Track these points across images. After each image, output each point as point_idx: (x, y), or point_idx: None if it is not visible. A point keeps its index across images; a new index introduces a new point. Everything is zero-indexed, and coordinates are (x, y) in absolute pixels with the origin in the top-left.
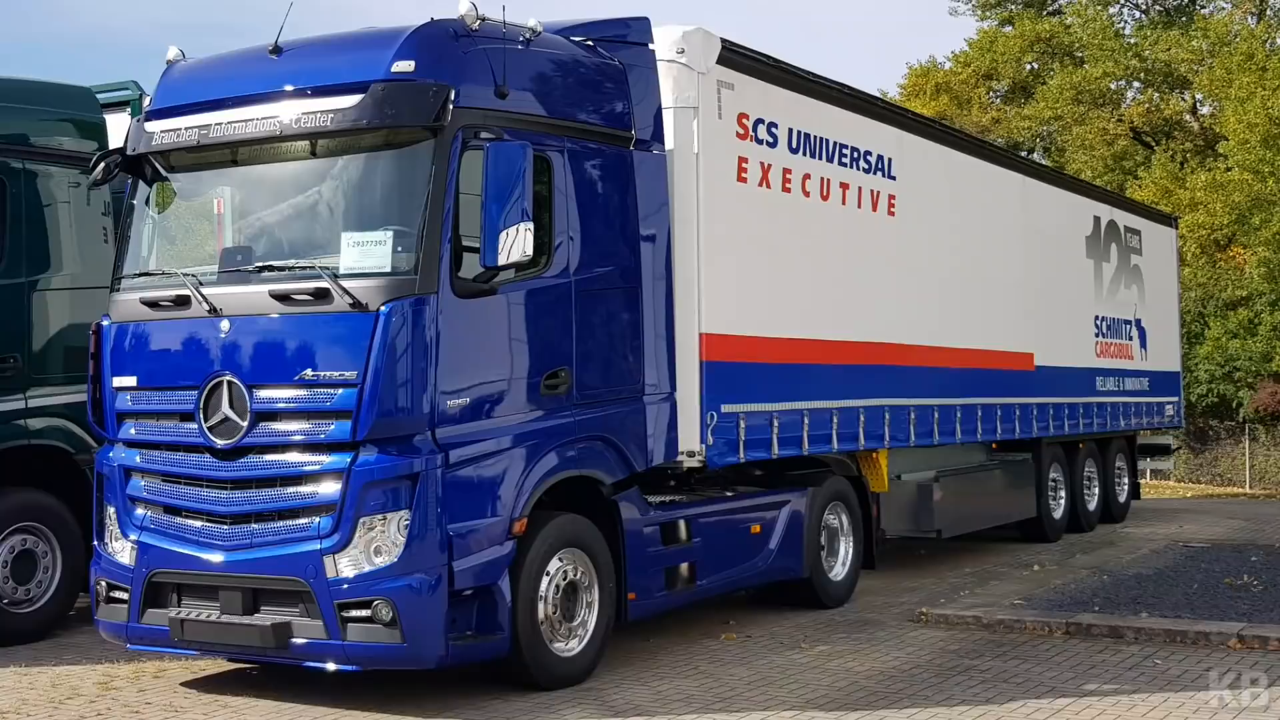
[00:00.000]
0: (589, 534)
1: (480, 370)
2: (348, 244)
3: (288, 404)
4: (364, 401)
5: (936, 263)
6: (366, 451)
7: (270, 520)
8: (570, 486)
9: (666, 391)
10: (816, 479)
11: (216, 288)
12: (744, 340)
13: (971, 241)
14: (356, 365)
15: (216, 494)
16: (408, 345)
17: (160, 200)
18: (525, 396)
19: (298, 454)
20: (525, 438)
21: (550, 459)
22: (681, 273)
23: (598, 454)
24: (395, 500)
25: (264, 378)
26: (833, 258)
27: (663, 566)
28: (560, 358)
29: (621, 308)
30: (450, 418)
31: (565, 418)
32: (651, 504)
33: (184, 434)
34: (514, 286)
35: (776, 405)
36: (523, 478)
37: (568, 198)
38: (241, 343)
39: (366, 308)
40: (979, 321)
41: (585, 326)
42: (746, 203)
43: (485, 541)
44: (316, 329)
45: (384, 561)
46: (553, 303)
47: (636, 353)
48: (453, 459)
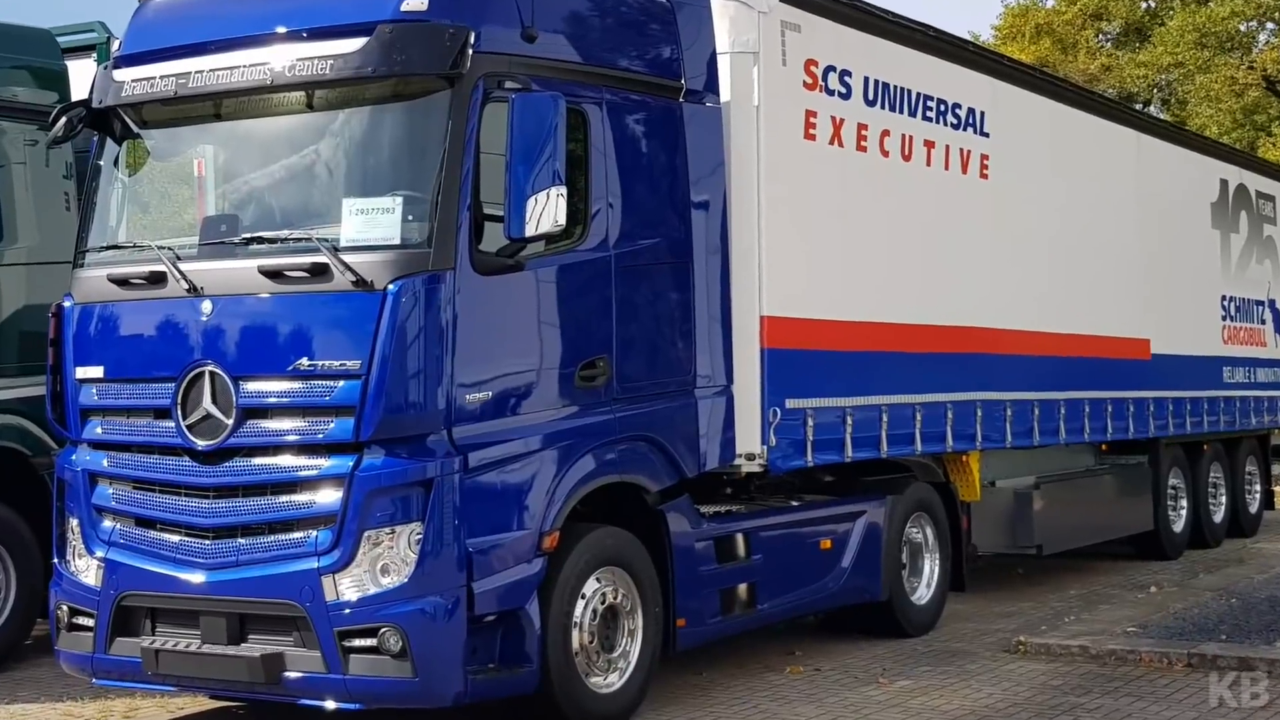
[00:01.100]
0: (631, 550)
1: (504, 359)
2: (350, 212)
3: (280, 398)
4: (369, 395)
5: (1036, 234)
6: (372, 454)
7: (260, 534)
8: (609, 495)
9: (722, 384)
10: (897, 486)
11: (197, 263)
12: (812, 324)
13: (1077, 209)
14: (360, 353)
15: (197, 503)
16: (420, 329)
17: (131, 161)
18: (557, 390)
19: (291, 457)
20: (557, 438)
21: (586, 463)
22: (739, 245)
23: (641, 456)
24: (405, 511)
25: (252, 368)
26: (915, 228)
27: (717, 588)
28: (598, 344)
29: (669, 286)
30: (469, 415)
31: (603, 414)
32: (704, 515)
33: (159, 433)
34: (544, 261)
35: (850, 400)
36: (554, 484)
37: (606, 158)
38: (226, 327)
39: (372, 286)
40: (1086, 303)
41: (627, 308)
42: (815, 163)
43: (510, 559)
44: (314, 311)
45: (392, 582)
46: (589, 280)
47: (687, 339)
48: (472, 462)
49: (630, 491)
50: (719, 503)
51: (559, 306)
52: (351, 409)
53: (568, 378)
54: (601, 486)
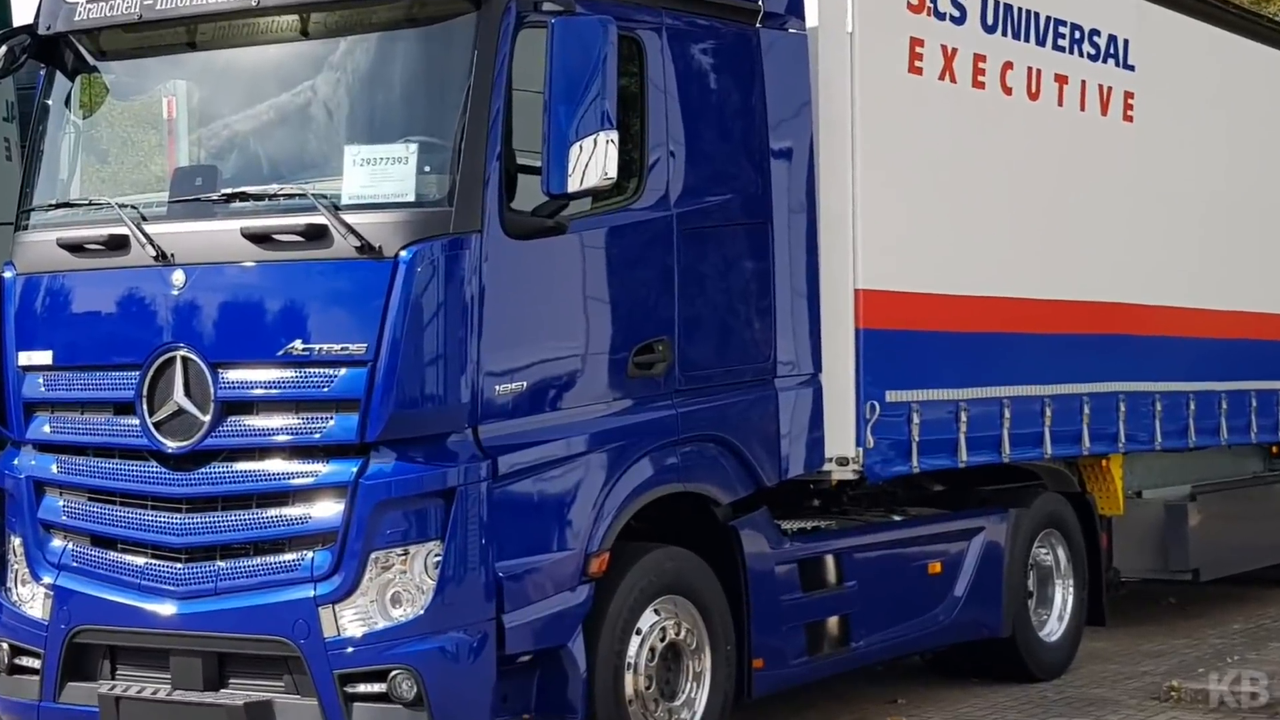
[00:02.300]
0: (698, 575)
1: (542, 342)
2: (354, 162)
3: (268, 390)
4: (377, 386)
5: (1191, 189)
6: (380, 457)
7: (243, 555)
8: (670, 508)
9: (808, 372)
10: (1021, 497)
11: (167, 224)
12: (917, 300)
13: (1244, 158)
14: (366, 335)
15: (167, 518)
16: (439, 305)
17: (87, 100)
18: (607, 379)
19: (282, 461)
20: (607, 438)
21: (643, 468)
22: (829, 203)
23: (710, 461)
24: (421, 527)
25: (234, 352)
26: (1044, 182)
27: (803, 621)
28: (656, 324)
29: (743, 253)
30: (499, 409)
31: (664, 409)
32: (786, 533)
33: (120, 432)
34: (590, 222)
35: (965, 392)
36: (603, 495)
37: (667, 95)
38: (202, 302)
39: (380, 252)
40: (1254, 274)
41: (692, 279)
42: (923, 102)
43: (549, 585)
44: (309, 283)
45: (405, 614)
46: (646, 245)
47: (765, 317)
48: (502, 468)
49: (696, 504)
50: (804, 517)
51: (609, 277)
52: (355, 403)
53: (620, 365)
54: (661, 497)
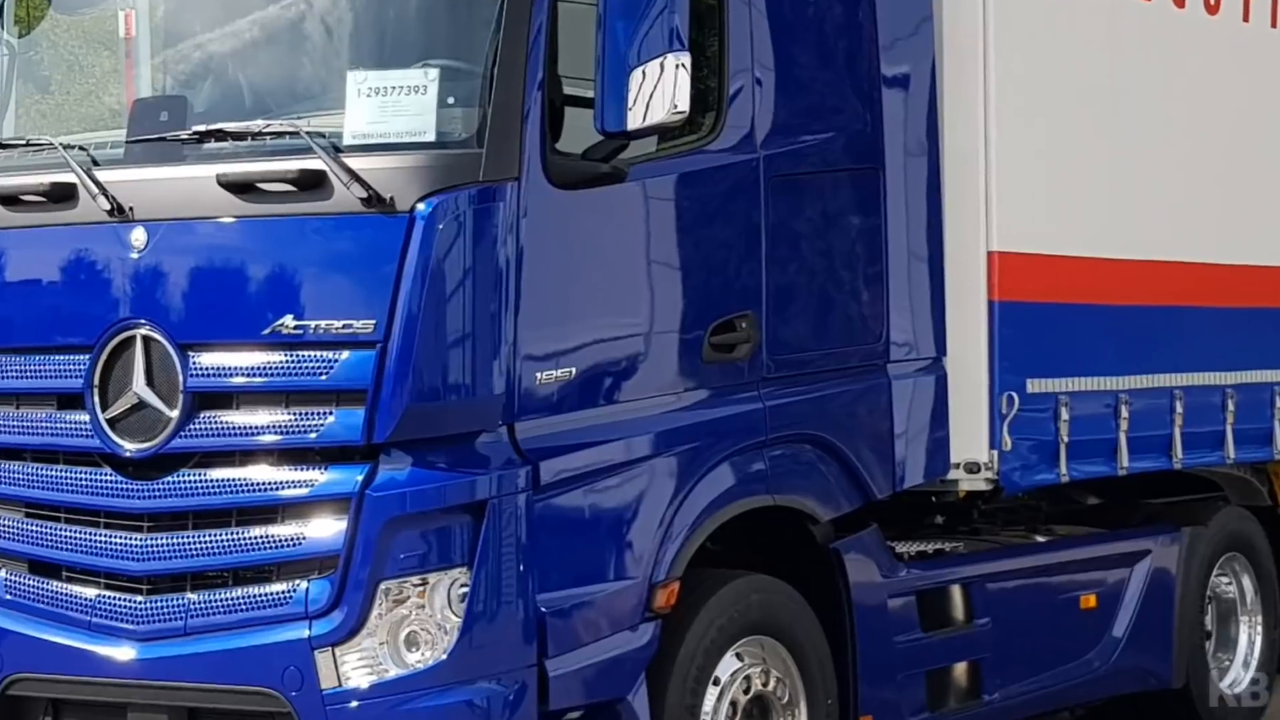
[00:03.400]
0: (790, 610)
1: (595, 317)
2: (359, 92)
3: (251, 378)
4: (388, 373)
5: None
6: (392, 463)
7: (220, 585)
8: (756, 525)
9: (929, 356)
10: (1197, 513)
11: (124, 170)
12: (1067, 265)
13: None
14: (375, 309)
15: (124, 539)
16: (466, 272)
17: (24, 14)
18: (676, 365)
19: (269, 467)
20: (677, 438)
21: (722, 476)
22: (955, 143)
23: (806, 467)
24: (444, 550)
25: (208, 331)
26: (1225, 115)
27: (922, 668)
28: (739, 295)
29: (848, 206)
30: (541, 403)
31: (748, 402)
32: (902, 557)
33: (65, 431)
34: (656, 168)
35: (1127, 380)
36: (672, 510)
37: (752, 8)
38: (168, 268)
39: (392, 205)
40: None
41: (784, 239)
42: (1072, 15)
43: (604, 623)
44: (303, 244)
45: (424, 660)
46: (726, 196)
47: (875, 287)
48: (546, 476)
49: (788, 521)
50: (923, 538)
51: (679, 237)
52: (361, 394)
53: (693, 346)
54: (744, 513)
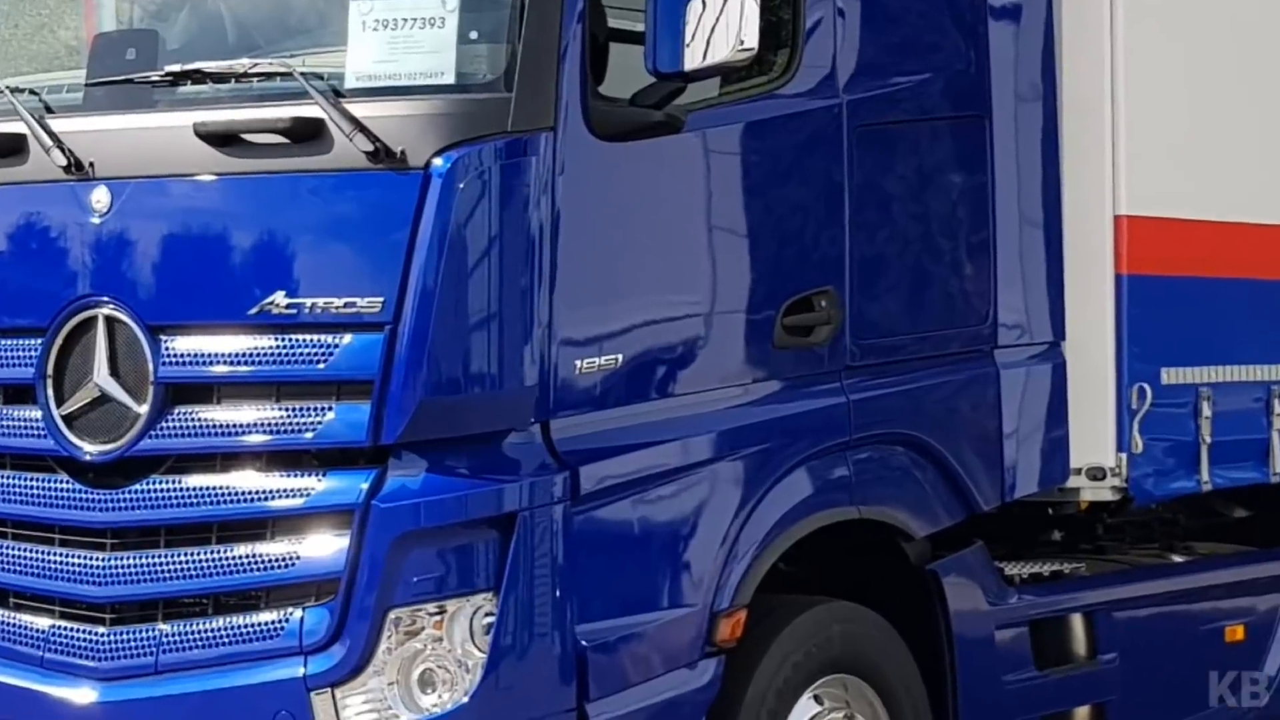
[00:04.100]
0: (878, 642)
1: (645, 294)
2: (364, 25)
3: (235, 367)
4: (399, 360)
5: None
6: (403, 467)
7: (198, 615)
8: (837, 540)
9: (1044, 341)
10: None
11: (83, 118)
12: (1210, 231)
13: None
14: (383, 284)
15: (83, 560)
16: (492, 240)
17: None
18: (743, 351)
19: (256, 473)
20: (744, 438)
21: (797, 484)
22: (1077, 86)
23: (898, 473)
24: (465, 572)
25: (184, 310)
26: None
27: (1037, 713)
28: (817, 268)
29: (948, 161)
30: (582, 396)
31: (828, 395)
32: (1013, 580)
33: (13, 430)
34: (719, 116)
35: None
36: (738, 525)
37: None
38: (136, 235)
39: (404, 160)
40: None
41: (871, 200)
42: None
43: (657, 660)
44: (297, 207)
45: (441, 703)
46: (802, 150)
47: (980, 258)
48: (587, 484)
49: (875, 536)
50: (1037, 558)
51: (746, 198)
52: (367, 386)
53: (762, 329)
54: (824, 528)
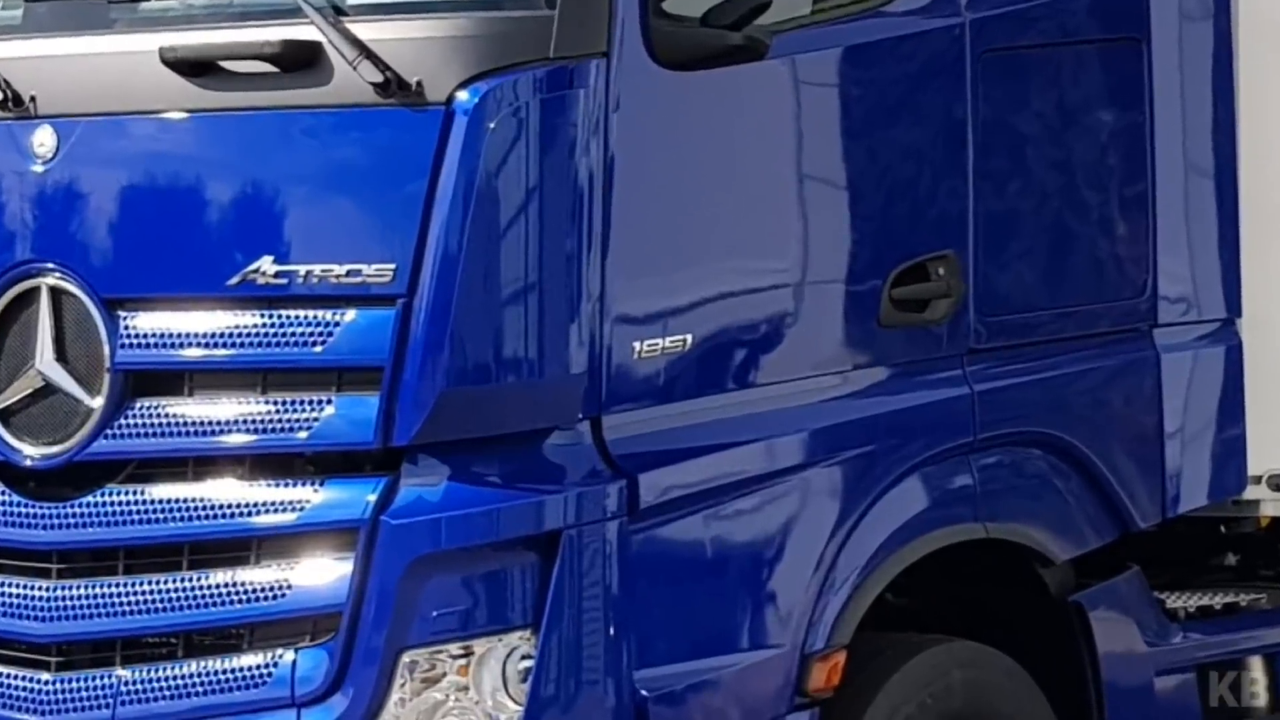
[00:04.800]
0: (1009, 692)
1: (718, 261)
2: None
3: (211, 350)
4: (414, 343)
5: None
6: (419, 475)
7: (164, 658)
8: (956, 564)
9: (1215, 318)
10: None
11: (22, 42)
12: None
13: None
14: (394, 248)
15: (24, 589)
16: (530, 193)
17: None
18: (840, 330)
19: (237, 482)
20: (842, 439)
21: (909, 496)
22: (1256, 6)
23: (1035, 482)
24: (497, 605)
25: (148, 280)
26: None
27: None
28: (933, 228)
29: (1096, 95)
30: (641, 386)
31: (947, 385)
32: (1176, 614)
33: None
34: (809, 39)
35: None
36: (835, 546)
37: None
38: (89, 187)
39: (421, 94)
40: None
41: (1001, 144)
42: None
43: (735, 713)
44: (288, 151)
45: None
46: (914, 82)
47: (1135, 215)
48: (648, 495)
49: (1005, 558)
50: (1207, 586)
51: (845, 141)
52: (374, 374)
53: (865, 303)
54: (942, 549)
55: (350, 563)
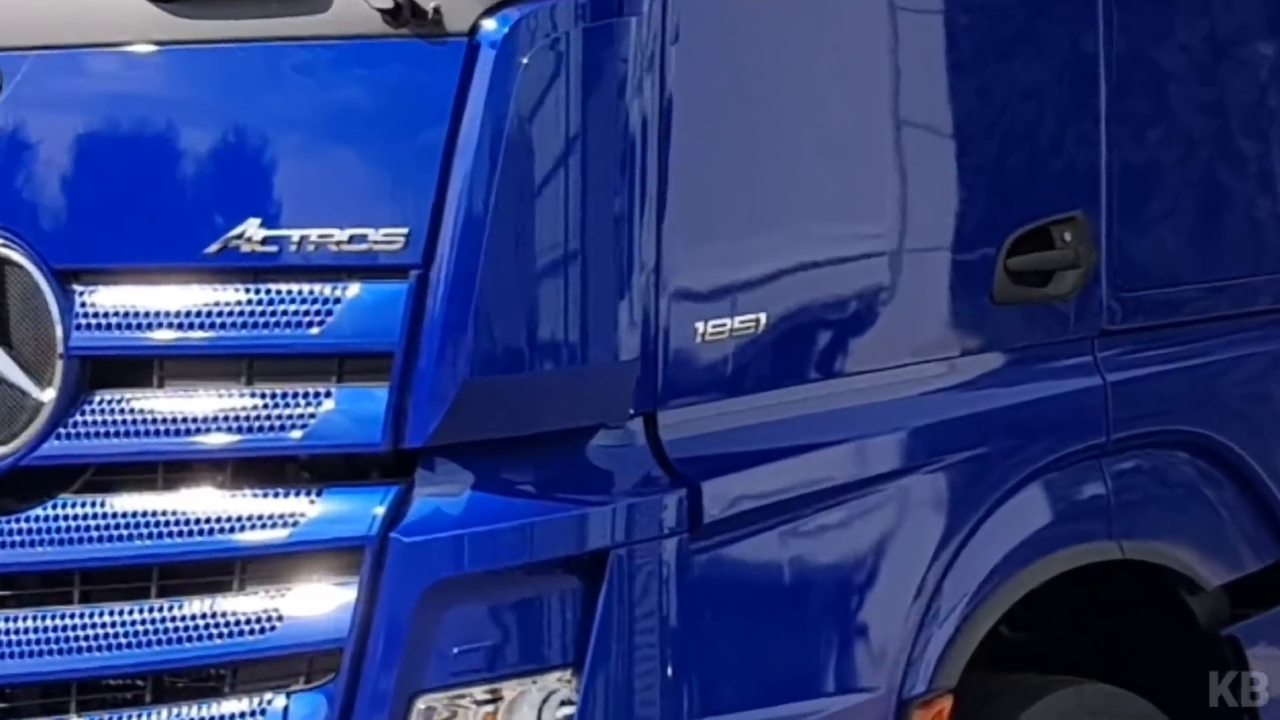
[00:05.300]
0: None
1: (796, 224)
2: None
3: (184, 331)
4: (432, 323)
5: None
6: (436, 483)
7: (129, 704)
8: (1082, 590)
9: None
10: None
11: None
12: None
13: None
14: (406, 208)
15: None
16: (570, 141)
17: None
18: (946, 308)
19: (215, 491)
20: (947, 439)
21: (1028, 508)
22: None
23: (1181, 492)
24: (531, 640)
25: (109, 248)
26: None
27: None
28: (1058, 185)
29: (1254, 26)
30: (705, 376)
31: (1075, 374)
32: None
33: None
34: None
35: None
36: (939, 568)
37: None
38: (37, 135)
39: (439, 23)
40: None
41: (1139, 83)
42: None
43: None
44: (278, 91)
45: None
46: (1035, 9)
47: None
48: (714, 506)
49: (1141, 580)
50: None
51: (950, 76)
52: (383, 361)
53: (975, 274)
54: (1067, 573)
55: (353, 589)
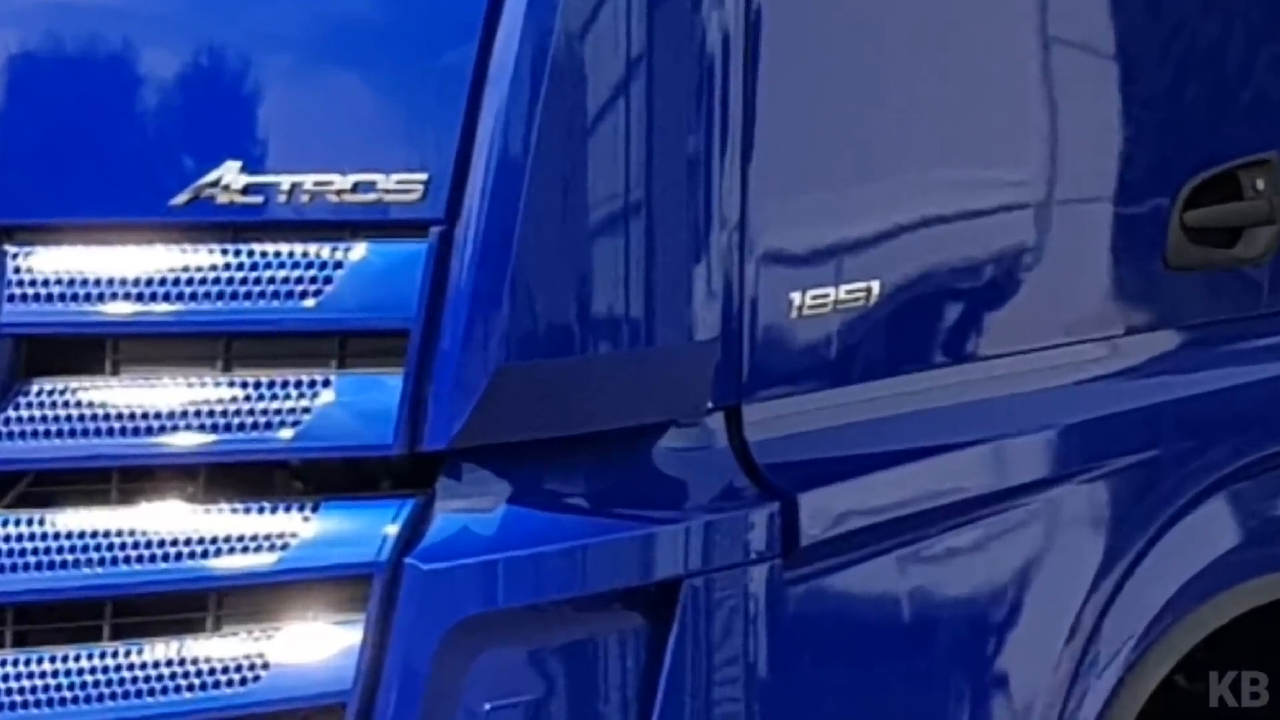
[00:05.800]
0: None
1: (919, 170)
2: None
3: (147, 305)
4: (456, 293)
5: None
6: (462, 495)
7: None
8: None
9: None
10: None
11: None
12: None
13: None
14: (425, 151)
15: None
16: (633, 65)
17: None
18: (1107, 271)
19: (184, 505)
20: (1106, 439)
21: (1210, 526)
22: None
23: None
24: (581, 693)
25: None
26: None
27: None
28: (1244, 125)
29: None
30: (801, 360)
31: (1265, 358)
32: None
33: None
34: None
35: None
36: (1098, 602)
37: None
38: None
39: None
40: None
41: None
42: None
43: None
44: (266, 7)
45: None
46: None
47: None
48: (813, 525)
49: None
50: None
51: None
52: (395, 340)
53: (1143, 232)
54: (1260, 608)
55: (359, 629)
